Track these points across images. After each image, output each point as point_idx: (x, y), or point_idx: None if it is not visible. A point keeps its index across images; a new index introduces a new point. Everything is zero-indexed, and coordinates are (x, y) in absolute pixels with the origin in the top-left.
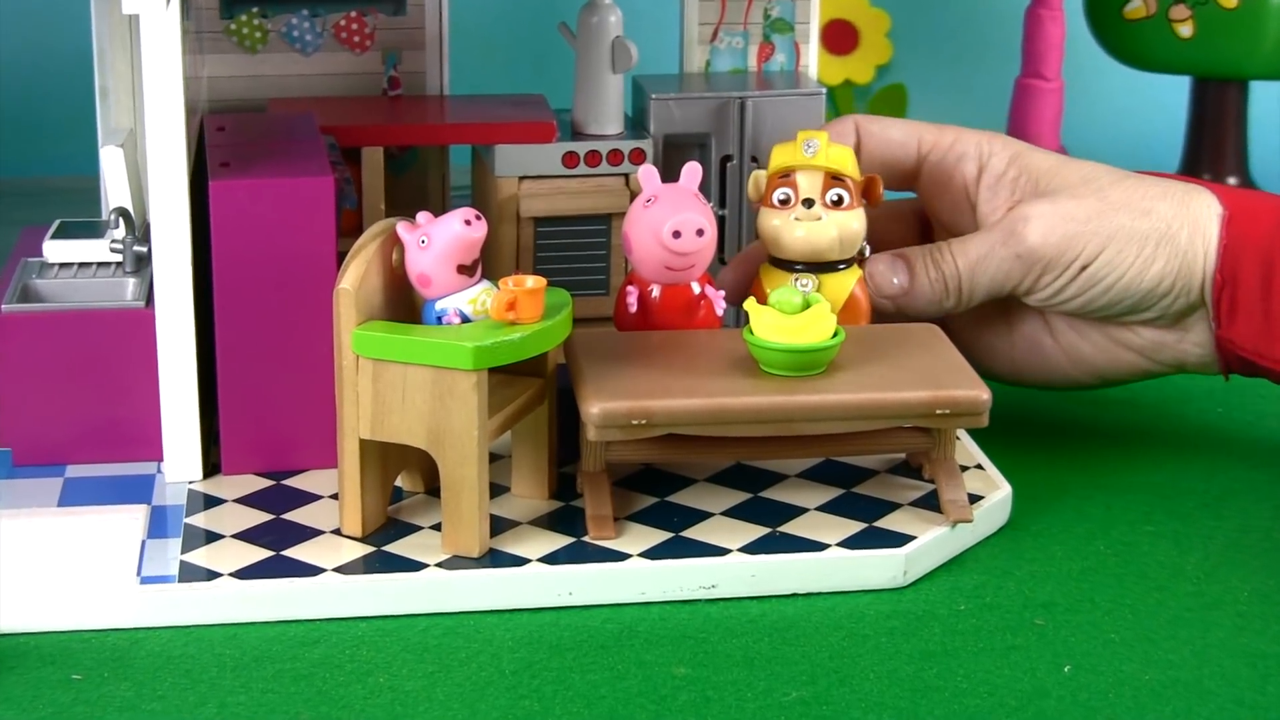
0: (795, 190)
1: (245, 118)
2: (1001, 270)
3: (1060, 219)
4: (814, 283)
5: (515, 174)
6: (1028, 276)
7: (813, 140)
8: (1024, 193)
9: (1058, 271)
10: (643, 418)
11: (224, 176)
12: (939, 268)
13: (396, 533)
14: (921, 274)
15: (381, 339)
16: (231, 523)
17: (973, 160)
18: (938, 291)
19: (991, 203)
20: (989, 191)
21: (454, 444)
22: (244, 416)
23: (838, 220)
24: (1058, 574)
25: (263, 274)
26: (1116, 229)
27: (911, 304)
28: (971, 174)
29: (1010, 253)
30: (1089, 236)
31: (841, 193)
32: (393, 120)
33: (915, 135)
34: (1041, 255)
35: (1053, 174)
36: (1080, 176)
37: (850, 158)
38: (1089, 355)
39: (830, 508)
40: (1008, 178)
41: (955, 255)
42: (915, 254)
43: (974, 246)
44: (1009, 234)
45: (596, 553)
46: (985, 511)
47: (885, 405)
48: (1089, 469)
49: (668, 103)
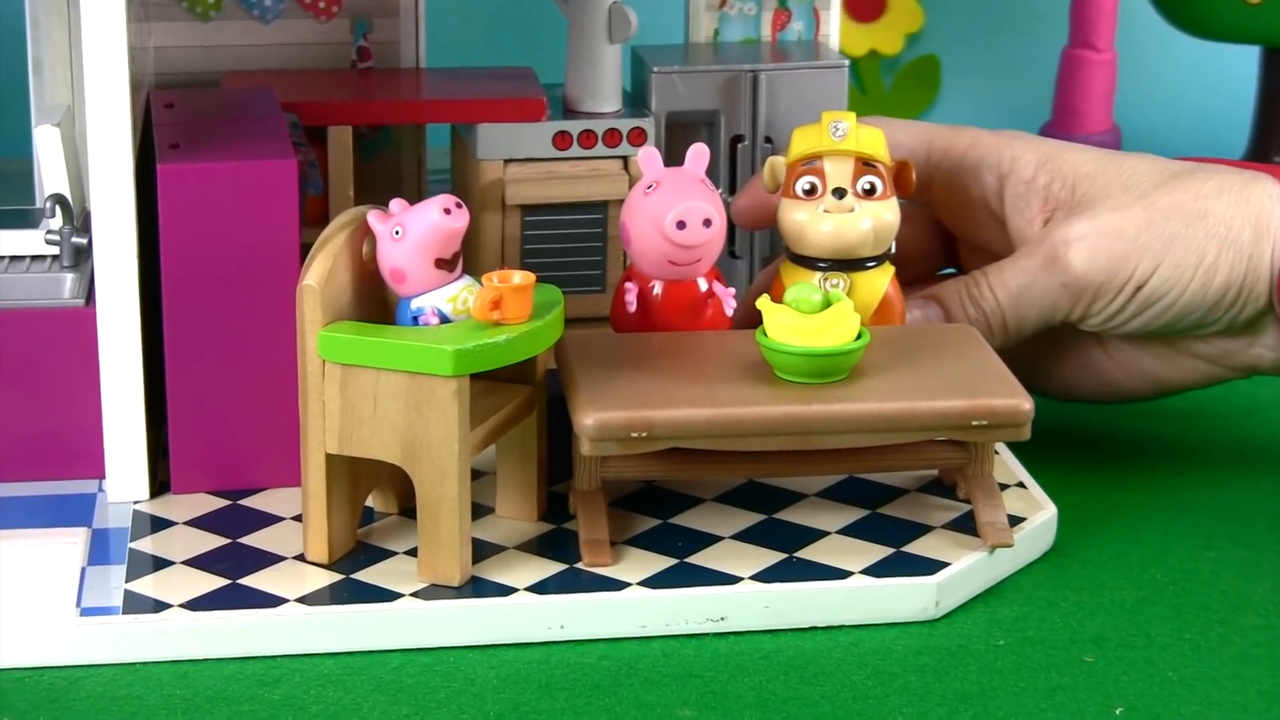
0: (822, 179)
1: (197, 94)
2: (1048, 301)
3: (1105, 238)
4: (845, 282)
5: (500, 157)
6: (1078, 305)
7: (840, 122)
8: (1059, 201)
9: (1110, 296)
10: (643, 429)
11: (173, 159)
12: (978, 305)
13: (367, 559)
14: (960, 315)
15: (350, 341)
16: (182, 548)
17: (992, 167)
18: (981, 332)
19: (1024, 214)
20: (1020, 201)
21: (432, 459)
22: (196, 429)
23: (871, 211)
24: (1108, 605)
25: (217, 269)
26: (1170, 240)
27: None
28: (992, 183)
29: (1054, 281)
30: (1140, 253)
31: (874, 180)
32: (362, 96)
33: (926, 140)
34: (1090, 281)
35: (1091, 179)
36: (1122, 182)
37: (882, 140)
38: (1150, 367)
39: (853, 531)
40: (1038, 184)
41: (994, 288)
42: (949, 294)
43: (1013, 276)
44: (1050, 260)
45: (591, 581)
46: (1027, 535)
47: (915, 416)
48: (1144, 488)
49: (671, 77)
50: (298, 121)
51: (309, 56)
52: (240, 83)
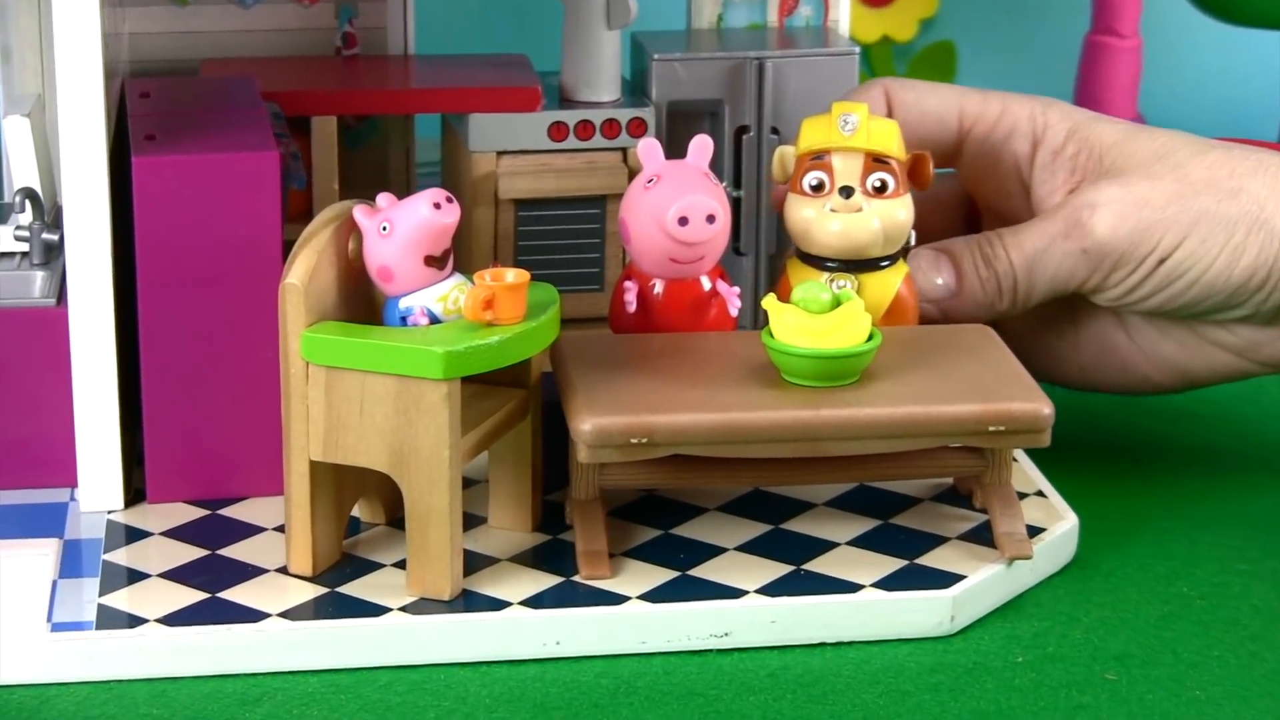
0: (830, 175)
1: (174, 82)
2: (1064, 267)
3: (1132, 205)
4: (853, 283)
5: (493, 149)
6: (1096, 273)
7: (850, 115)
8: (1086, 172)
9: (1131, 267)
10: (643, 435)
11: (149, 151)
12: (990, 265)
13: (353, 571)
14: (970, 273)
15: (335, 343)
16: (158, 560)
17: (1025, 136)
18: (989, 293)
19: (1048, 184)
20: (1045, 171)
21: (421, 467)
22: (173, 434)
23: (881, 211)
24: (1133, 620)
25: (195, 266)
26: (1199, 215)
27: (959, 308)
28: (1024, 152)
29: (1074, 247)
30: (1167, 225)
31: (885, 177)
32: (348, 85)
33: (957, 105)
34: (1112, 249)
35: (1120, 148)
36: (1154, 150)
37: (895, 134)
38: (1172, 355)
39: (864, 542)
40: (1066, 154)
41: (1009, 249)
42: (961, 248)
43: (1031, 238)
44: (1072, 224)
45: (588, 595)
46: (1047, 546)
47: (929, 421)
48: (1170, 496)
49: (673, 64)
50: (279, 111)
51: (291, 43)
52: (219, 71)
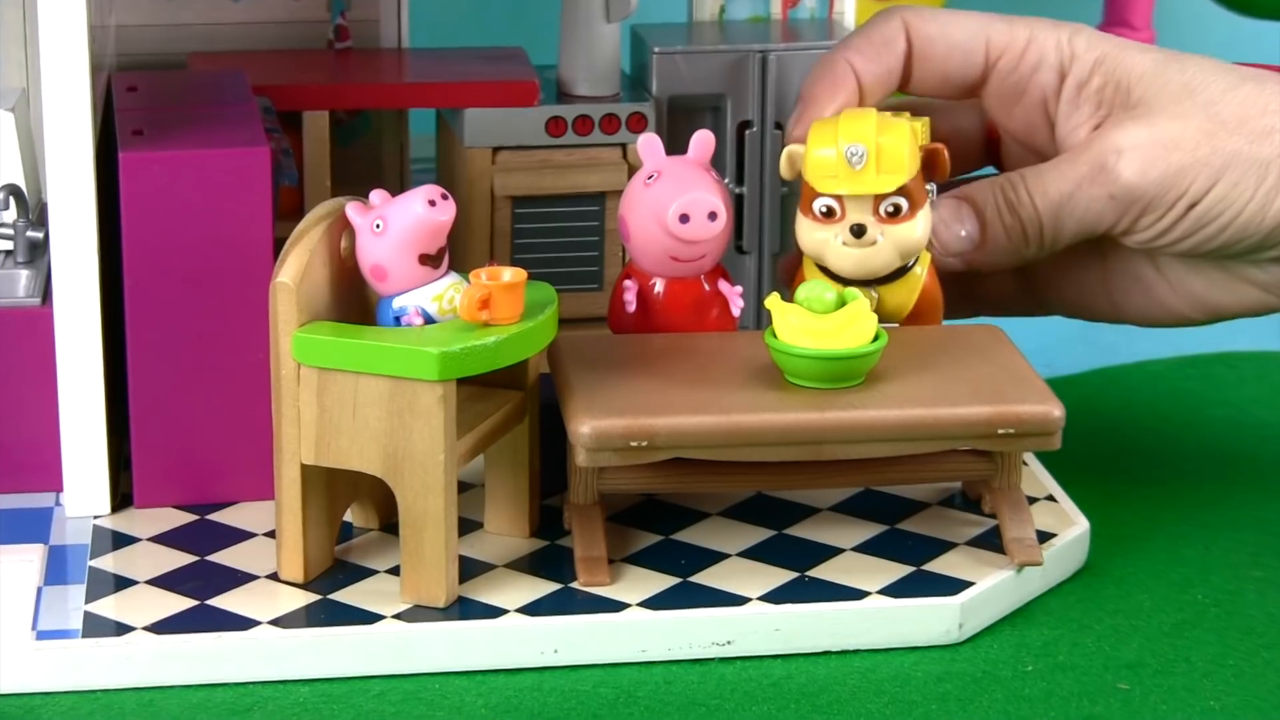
0: (840, 205)
1: (162, 76)
2: (1091, 212)
3: (1160, 148)
4: (872, 300)
5: (489, 144)
6: (1124, 218)
7: (857, 147)
8: (1112, 106)
9: (1160, 212)
10: (643, 438)
11: (136, 147)
12: (1015, 212)
13: (346, 578)
14: (994, 220)
15: (327, 343)
16: (146, 566)
17: (1052, 67)
18: (1015, 241)
19: (1072, 119)
20: (1069, 106)
21: (415, 470)
22: (161, 437)
23: (896, 236)
24: (1145, 628)
25: (183, 265)
26: (1230, 157)
27: (984, 259)
28: (1050, 84)
29: (1101, 193)
30: (1197, 169)
31: (899, 201)
32: (340, 79)
33: (982, 35)
34: (1140, 194)
35: (1148, 82)
36: (1183, 84)
37: (907, 147)
38: (1201, 291)
39: (870, 548)
40: (1092, 87)
41: (1034, 195)
42: (984, 196)
43: (1055, 183)
44: (1098, 169)
45: (587, 602)
46: (1058, 552)
47: (936, 424)
48: (1184, 501)
49: (674, 58)
50: (270, 106)
51: (282, 36)
52: (208, 64)
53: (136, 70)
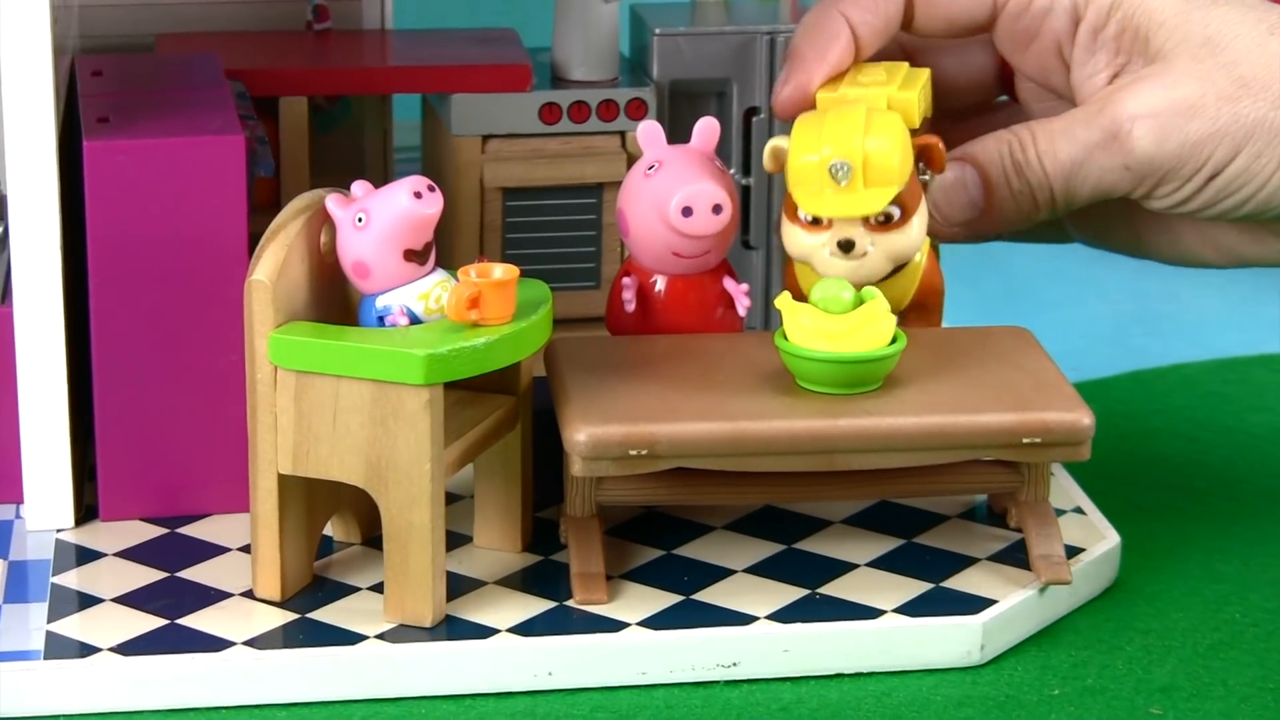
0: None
1: (129, 59)
2: (1105, 180)
3: (1178, 115)
4: None
5: (478, 132)
6: (1140, 187)
7: (842, 163)
8: (1130, 54)
9: (1178, 183)
10: (643, 447)
11: (101, 135)
12: (1023, 175)
13: (326, 595)
14: (1001, 185)
15: (306, 345)
16: (112, 583)
17: (1065, 10)
18: (1024, 205)
19: (1087, 66)
20: (1084, 52)
21: (400, 481)
22: (128, 446)
23: (888, 246)
24: (1180, 649)
25: (152, 261)
26: (1253, 126)
27: (990, 226)
28: (1064, 28)
29: (1114, 162)
30: (1218, 139)
31: (890, 210)
32: (319, 63)
33: None
34: (1157, 166)
35: (1169, 30)
36: (1205, 36)
37: (898, 149)
38: (1230, 242)
39: (886, 563)
40: (1109, 33)
41: (1043, 158)
42: (991, 157)
43: (1066, 147)
44: (1110, 136)
45: (584, 621)
46: (1086, 568)
47: (958, 432)
48: (1220, 514)
49: (676, 40)
50: (245, 91)
51: (257, 16)
52: (178, 46)
53: (102, 53)
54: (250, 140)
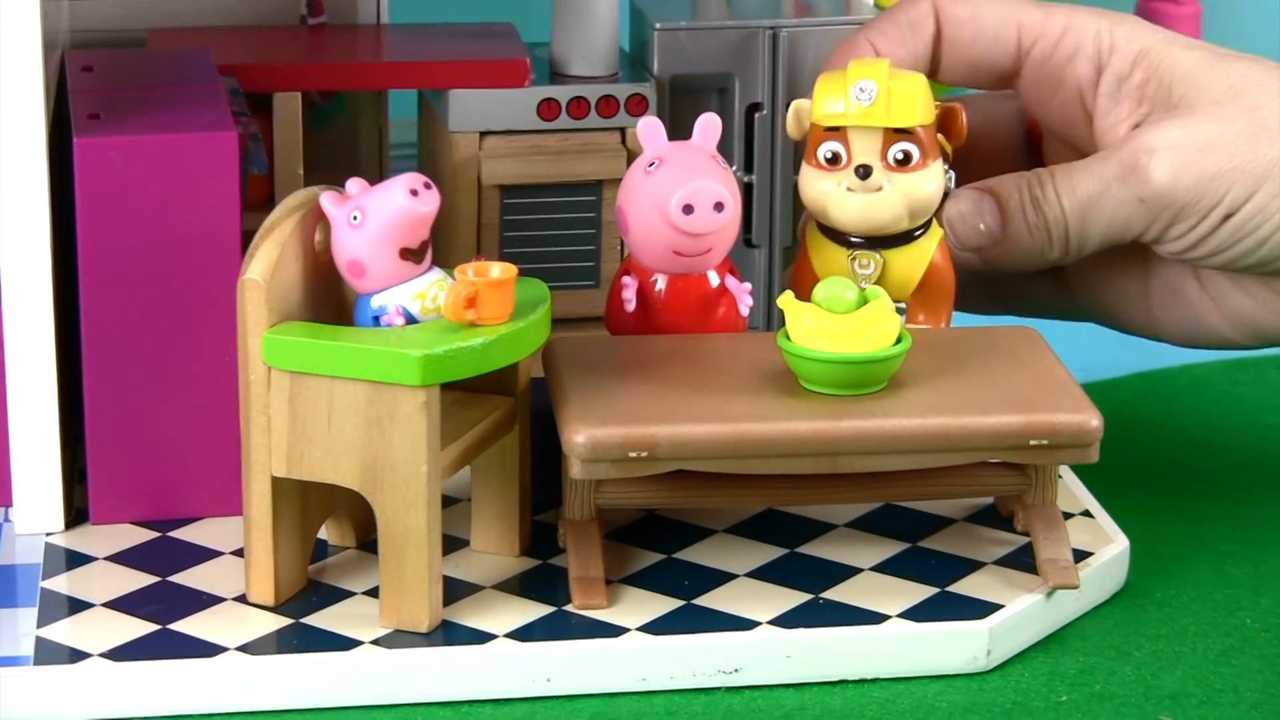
0: (847, 147)
1: (120, 54)
2: (1120, 216)
3: (1196, 150)
4: (876, 265)
5: (475, 129)
6: (1154, 225)
7: (866, 83)
8: (1155, 104)
9: (1193, 220)
10: (643, 449)
11: (92, 132)
12: (1039, 209)
13: (320, 600)
14: (1017, 216)
15: (300, 345)
16: (103, 587)
17: (1089, 57)
18: (1038, 241)
19: (1111, 115)
20: (1109, 100)
21: (396, 484)
22: (119, 448)
23: (905, 187)
24: (1190, 655)
25: (144, 260)
26: (1272, 165)
27: (1004, 257)
28: (1087, 76)
29: (1130, 195)
30: (1235, 175)
31: (909, 148)
32: (313, 57)
33: (1015, 21)
34: (1171, 200)
35: (1192, 80)
36: (1228, 85)
37: (920, 94)
38: (1245, 309)
39: (890, 567)
40: (1133, 83)
41: (1060, 193)
42: (1008, 189)
43: (1084, 182)
44: (1129, 169)
45: (583, 626)
46: (1095, 573)
47: (963, 434)
48: (1231, 517)
49: (677, 34)
50: (238, 87)
51: (251, 11)
52: (170, 42)
53: (92, 49)
54: (243, 137)
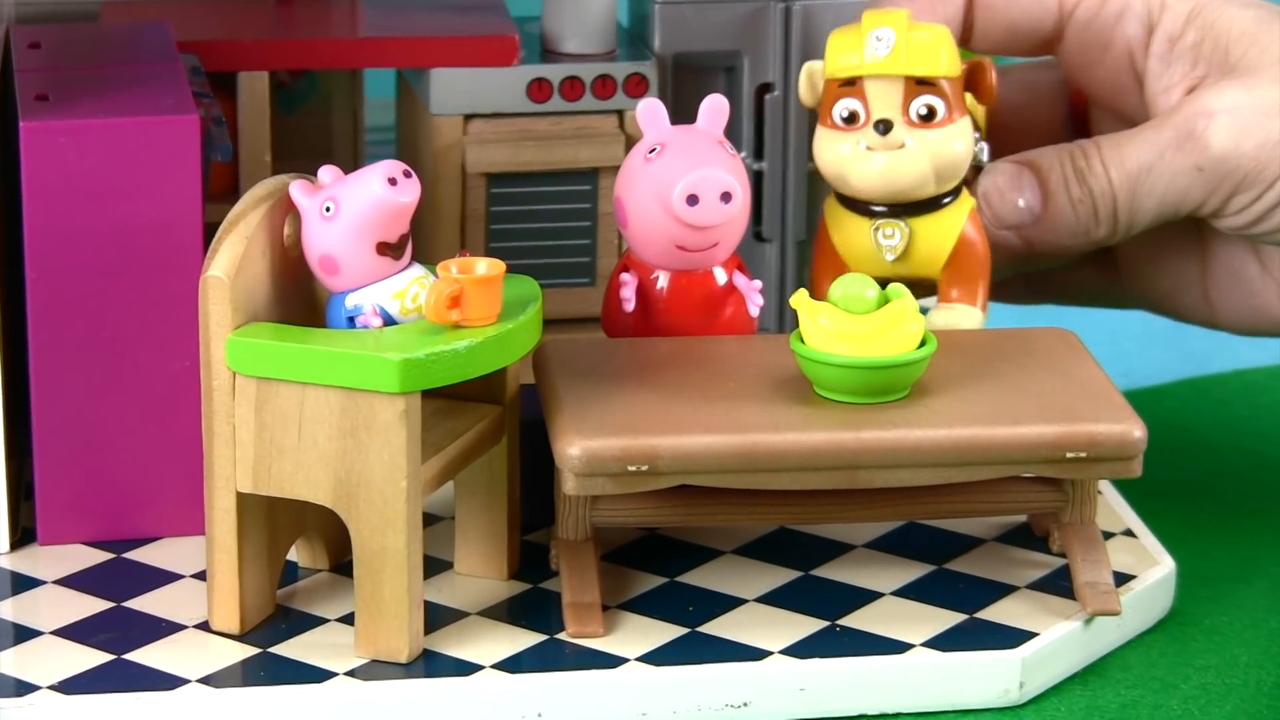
0: (865, 104)
1: (70, 30)
2: (1176, 187)
3: (1259, 114)
4: (902, 235)
5: (459, 111)
6: (1213, 196)
7: (883, 30)
8: (1210, 65)
9: (1256, 191)
10: (644, 462)
11: (40, 115)
12: (1084, 182)
13: (290, 628)
14: (1059, 191)
15: (268, 348)
16: (52, 613)
17: (1138, 16)
18: (1084, 217)
19: (1163, 79)
20: (1160, 63)
21: (372, 500)
22: (70, 461)
23: (930, 145)
24: (1242, 688)
25: (97, 255)
26: None
27: (1045, 236)
28: (1137, 37)
29: (1188, 163)
30: None
31: (933, 101)
32: (282, 33)
33: None
34: (1232, 167)
35: (1250, 39)
36: None
37: (943, 44)
38: None
39: (914, 592)
40: (1186, 42)
41: (1108, 164)
42: (1050, 161)
43: (1135, 151)
44: (1185, 135)
45: (577, 656)
46: (1138, 598)
47: (994, 445)
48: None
49: (680, 8)
50: (199, 66)
51: None
52: (125, 16)
53: (40, 23)
54: (205, 120)
